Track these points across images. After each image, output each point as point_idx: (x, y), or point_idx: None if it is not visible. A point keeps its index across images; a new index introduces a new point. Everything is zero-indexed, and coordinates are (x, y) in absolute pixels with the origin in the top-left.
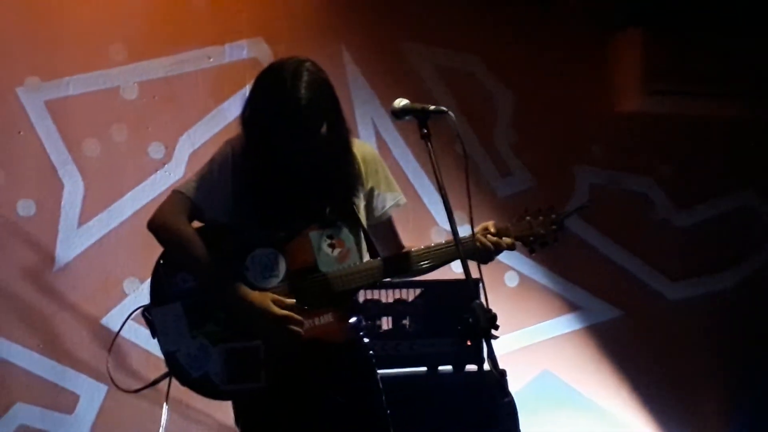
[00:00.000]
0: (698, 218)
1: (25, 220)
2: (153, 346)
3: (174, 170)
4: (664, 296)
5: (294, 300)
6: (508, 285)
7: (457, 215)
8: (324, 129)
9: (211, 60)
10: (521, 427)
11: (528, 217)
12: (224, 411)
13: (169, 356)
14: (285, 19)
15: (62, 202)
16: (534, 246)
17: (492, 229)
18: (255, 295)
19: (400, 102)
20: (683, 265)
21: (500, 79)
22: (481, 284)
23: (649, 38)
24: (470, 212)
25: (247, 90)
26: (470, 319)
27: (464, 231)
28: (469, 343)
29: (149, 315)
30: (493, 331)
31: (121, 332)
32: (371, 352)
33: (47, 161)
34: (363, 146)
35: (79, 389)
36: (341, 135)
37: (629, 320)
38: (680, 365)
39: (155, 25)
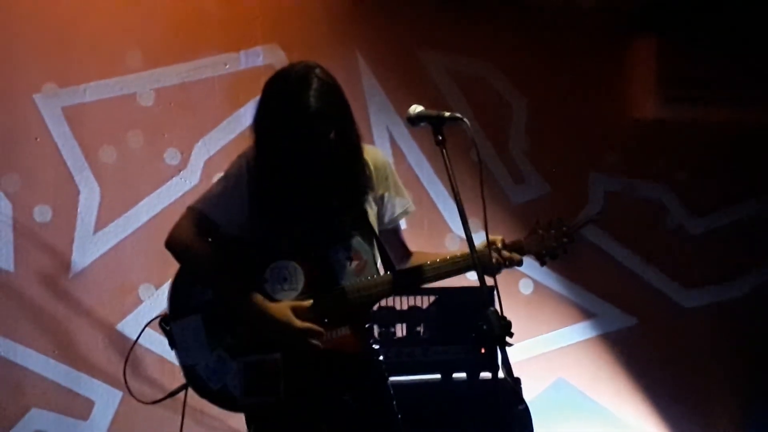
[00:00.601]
0: (713, 225)
1: (42, 226)
2: (168, 353)
3: (190, 177)
4: (678, 304)
5: (311, 301)
6: (523, 292)
7: (472, 222)
8: (333, 135)
9: (227, 67)
10: None
11: (540, 231)
12: (237, 418)
13: (188, 369)
14: (300, 26)
15: (78, 208)
16: (544, 260)
17: (499, 245)
18: (274, 307)
19: (416, 109)
20: (698, 273)
21: (515, 86)
22: (495, 291)
23: (664, 45)
24: (485, 219)
25: None
26: (484, 327)
27: (478, 238)
28: (483, 351)
29: (167, 326)
30: (508, 339)
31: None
32: (381, 357)
33: (64, 167)
34: (374, 152)
35: (95, 395)
36: (351, 140)
37: (644, 328)
38: (694, 373)
39: (171, 32)
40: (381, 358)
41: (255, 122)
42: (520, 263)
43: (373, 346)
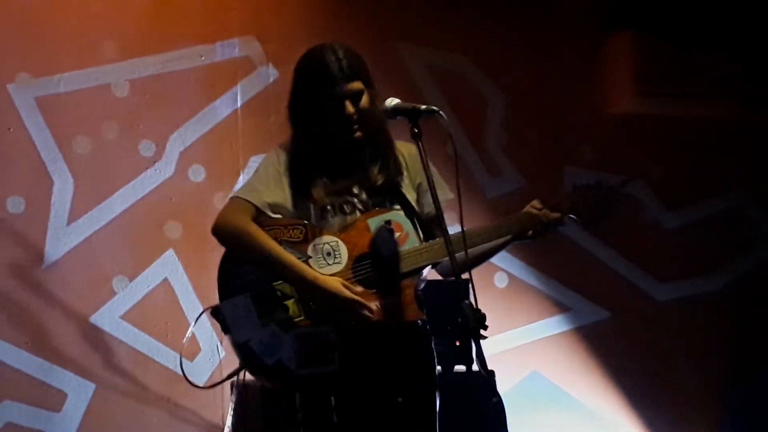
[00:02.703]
0: (687, 219)
1: (15, 217)
2: (141, 344)
3: (164, 168)
4: (652, 297)
5: (361, 288)
6: (498, 286)
7: (448, 215)
8: (365, 98)
9: (203, 58)
10: (510, 427)
11: (579, 191)
12: (212, 410)
13: (243, 347)
14: (277, 18)
15: (52, 200)
16: (586, 218)
17: (539, 206)
18: (328, 280)
19: (392, 101)
20: (672, 267)
21: (491, 80)
22: (470, 285)
23: (640, 40)
24: (460, 211)
25: (238, 88)
26: (459, 320)
27: (454, 230)
28: (458, 344)
29: (219, 312)
30: (482, 332)
31: (110, 330)
32: (428, 326)
33: (37, 158)
34: (406, 145)
35: (67, 387)
36: (380, 109)
37: (618, 321)
38: (668, 366)
39: (147, 23)
40: (428, 326)
41: (292, 96)
42: (561, 222)
43: (422, 313)
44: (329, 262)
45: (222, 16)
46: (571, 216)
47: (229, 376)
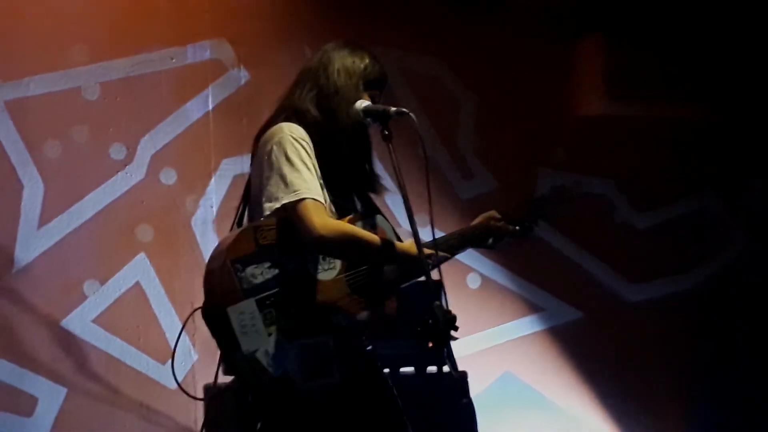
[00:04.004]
0: (658, 220)
1: None
2: (113, 348)
3: (135, 171)
4: (624, 298)
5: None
6: (470, 287)
7: (420, 217)
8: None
9: (174, 61)
10: (482, 428)
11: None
12: (185, 413)
13: (250, 358)
14: (248, 20)
15: (22, 203)
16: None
17: (497, 216)
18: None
19: (362, 103)
20: (643, 267)
21: (463, 83)
22: (442, 286)
23: (609, 43)
24: (431, 214)
25: (210, 91)
26: (430, 321)
27: (425, 233)
28: (430, 345)
29: (214, 317)
30: (453, 333)
31: (81, 335)
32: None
33: (7, 162)
34: None
35: (39, 392)
36: None
37: (590, 322)
38: (640, 366)
39: (117, 26)
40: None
41: (334, 85)
42: (516, 234)
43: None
44: (324, 267)
45: (193, 18)
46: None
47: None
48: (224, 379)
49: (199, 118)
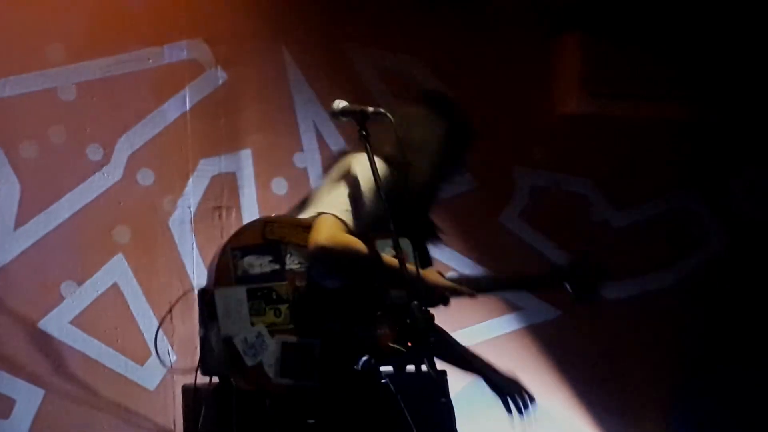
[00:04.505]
0: (636, 218)
1: None
2: (90, 349)
3: (112, 172)
4: (602, 296)
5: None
6: None
7: None
8: None
9: (151, 61)
10: (461, 427)
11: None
12: (163, 414)
13: (226, 341)
14: (225, 20)
15: None
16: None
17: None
18: (428, 273)
19: (339, 103)
20: (621, 265)
21: (441, 82)
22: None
23: (588, 42)
24: (407, 215)
25: (187, 91)
26: (408, 321)
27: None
28: (410, 344)
29: (206, 296)
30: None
31: (59, 336)
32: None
33: None
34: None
35: (16, 394)
36: None
37: (568, 320)
38: (618, 364)
39: (94, 26)
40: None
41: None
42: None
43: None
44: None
45: (170, 18)
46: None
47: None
48: (203, 379)
49: (177, 119)
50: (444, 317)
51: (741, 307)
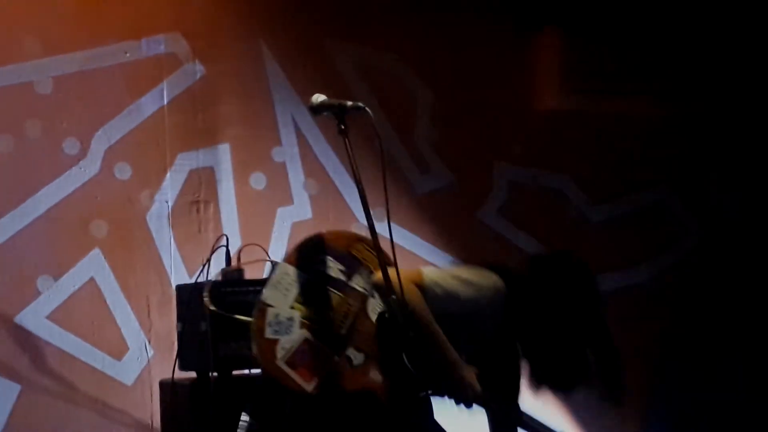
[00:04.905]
0: (613, 213)
1: None
2: (67, 344)
3: (89, 166)
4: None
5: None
6: None
7: (378, 212)
8: None
9: (128, 55)
10: (440, 420)
11: None
12: (141, 409)
13: (261, 305)
14: (203, 14)
15: None
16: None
17: None
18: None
19: (318, 98)
20: (599, 260)
21: (420, 77)
22: (398, 279)
23: (566, 38)
24: (387, 208)
25: (164, 85)
26: (386, 315)
27: (382, 228)
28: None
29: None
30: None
31: (35, 331)
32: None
33: None
34: None
35: None
36: None
37: None
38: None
39: (71, 19)
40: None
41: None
42: None
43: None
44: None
45: (148, 12)
46: None
47: None
48: (180, 374)
49: (154, 113)
50: None
51: (715, 301)
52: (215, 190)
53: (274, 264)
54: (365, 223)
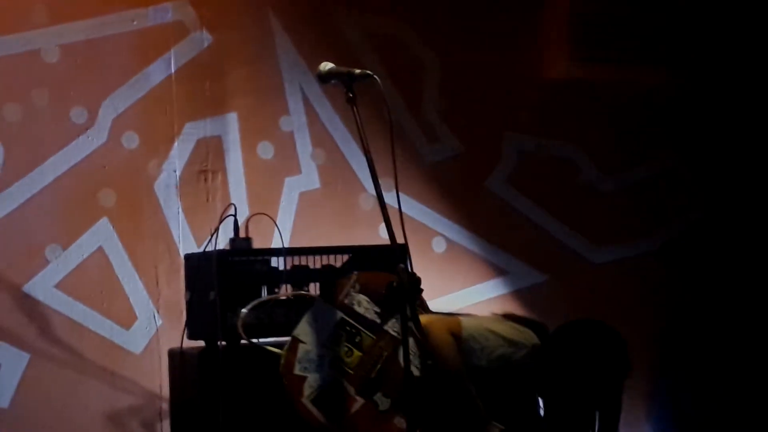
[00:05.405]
0: (622, 183)
1: None
2: (76, 313)
3: (96, 135)
4: (588, 260)
5: None
6: (436, 251)
7: (386, 181)
8: None
9: (135, 23)
10: None
11: None
12: (150, 378)
13: (294, 340)
14: None
15: None
16: None
17: None
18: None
19: (326, 66)
20: (608, 230)
21: (429, 46)
22: (407, 249)
23: (576, 5)
24: (395, 177)
25: (172, 53)
26: (394, 283)
27: (390, 198)
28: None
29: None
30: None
31: (44, 300)
32: None
33: None
34: None
35: (1, 358)
36: None
37: (555, 284)
38: None
39: None
40: None
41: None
42: None
43: None
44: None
45: None
46: None
47: None
48: (189, 343)
49: (162, 81)
50: (431, 282)
51: (724, 271)
52: (223, 160)
53: (310, 299)
54: (373, 192)
